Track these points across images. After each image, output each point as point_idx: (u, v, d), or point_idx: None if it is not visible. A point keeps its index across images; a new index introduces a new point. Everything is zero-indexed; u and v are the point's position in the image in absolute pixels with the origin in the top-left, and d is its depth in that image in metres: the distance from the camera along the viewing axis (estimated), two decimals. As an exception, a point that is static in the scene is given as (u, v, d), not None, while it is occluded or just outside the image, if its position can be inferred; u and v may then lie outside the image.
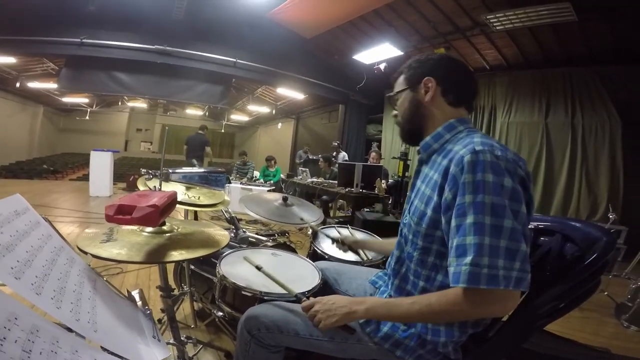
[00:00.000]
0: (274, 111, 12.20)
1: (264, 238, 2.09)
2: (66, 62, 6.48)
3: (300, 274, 1.29)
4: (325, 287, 1.22)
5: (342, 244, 1.45)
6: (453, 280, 0.66)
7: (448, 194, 0.71)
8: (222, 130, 16.33)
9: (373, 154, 5.03)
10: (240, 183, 5.87)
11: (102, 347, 0.55)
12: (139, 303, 0.88)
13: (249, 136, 19.95)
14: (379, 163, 4.86)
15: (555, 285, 0.79)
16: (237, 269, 1.24)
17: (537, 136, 5.13)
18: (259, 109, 12.38)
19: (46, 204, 5.21)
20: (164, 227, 0.99)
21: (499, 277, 0.61)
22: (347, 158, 6.88)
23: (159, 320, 1.64)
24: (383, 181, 4.52)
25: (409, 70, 0.91)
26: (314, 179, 5.29)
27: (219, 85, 7.23)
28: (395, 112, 0.98)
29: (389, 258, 1.00)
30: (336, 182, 4.50)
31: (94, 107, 13.79)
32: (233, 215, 1.98)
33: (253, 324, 0.89)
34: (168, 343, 1.18)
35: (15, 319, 0.40)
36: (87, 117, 13.95)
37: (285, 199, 2.09)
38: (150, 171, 1.28)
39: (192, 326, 1.83)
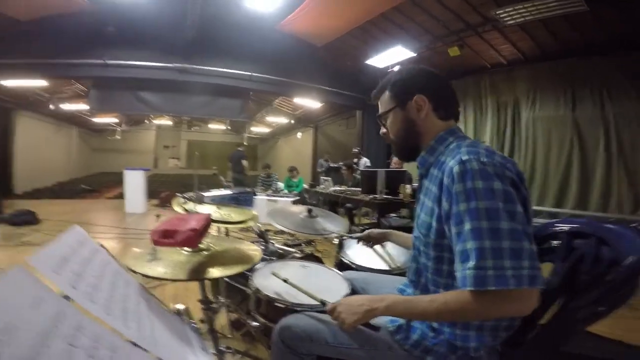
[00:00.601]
0: (292, 121, 12.40)
1: (292, 249, 2.15)
2: (93, 83, 6.86)
3: (328, 285, 1.33)
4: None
5: (367, 240, 1.47)
6: (461, 284, 0.68)
7: (445, 204, 0.75)
8: (245, 143, 16.69)
9: (395, 159, 4.97)
10: (266, 195, 6.00)
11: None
12: (185, 318, 0.95)
13: (271, 147, 20.32)
14: (402, 167, 4.79)
15: (592, 290, 0.78)
16: (269, 281, 1.30)
17: (566, 130, 4.89)
18: (278, 119, 12.64)
19: (88, 222, 5.59)
20: (201, 246, 1.07)
21: (507, 277, 0.63)
22: (369, 164, 6.86)
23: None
24: (407, 185, 4.48)
25: (394, 87, 0.93)
26: (337, 187, 5.29)
27: (237, 99, 7.46)
28: (383, 130, 1.00)
29: (407, 271, 1.02)
30: (359, 189, 4.49)
31: (122, 125, 14.58)
32: (263, 230, 2.07)
33: (286, 334, 0.93)
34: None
35: (98, 339, 0.47)
36: (118, 137, 14.77)
37: (310, 211, 2.14)
38: (186, 195, 1.38)
39: (229, 336, 1.90)
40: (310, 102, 8.72)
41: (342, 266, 1.89)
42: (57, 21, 5.33)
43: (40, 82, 7.06)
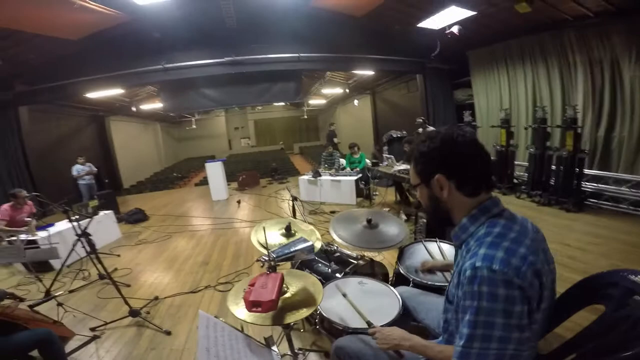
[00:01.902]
0: (347, 90, 12.03)
1: (353, 261, 2.23)
2: (160, 87, 7.57)
3: (381, 304, 1.57)
4: (406, 313, 1.50)
5: (423, 271, 1.60)
6: (453, 355, 0.82)
7: (459, 291, 0.85)
8: (305, 117, 16.96)
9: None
10: (329, 174, 6.12)
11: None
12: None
13: (330, 116, 20.21)
14: None
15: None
16: (331, 302, 1.64)
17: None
18: (333, 91, 12.38)
19: (185, 213, 6.50)
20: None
21: (489, 355, 0.75)
22: None
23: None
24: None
25: (417, 164, 0.94)
26: (401, 167, 5.03)
27: (291, 81, 7.50)
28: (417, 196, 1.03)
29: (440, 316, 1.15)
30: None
31: (196, 115, 16.05)
32: (326, 247, 2.28)
33: (340, 352, 1.22)
34: (284, 354, 1.63)
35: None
36: (194, 126, 16.35)
37: (369, 221, 2.15)
38: (262, 259, 1.66)
39: (302, 330, 2.18)
40: (362, 71, 8.30)
41: (399, 278, 1.93)
42: (111, 36, 5.88)
43: (117, 90, 7.84)
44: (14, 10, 4.17)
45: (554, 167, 4.70)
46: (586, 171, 4.55)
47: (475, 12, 4.94)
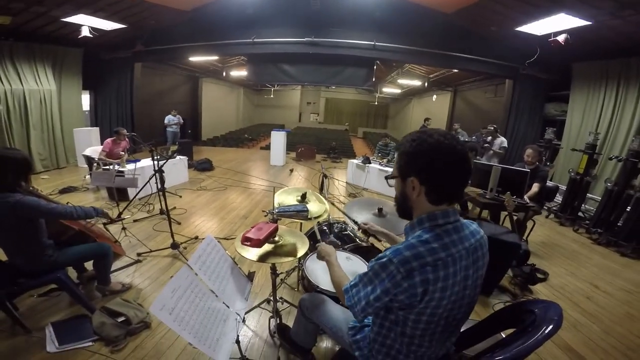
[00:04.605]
0: (426, 84, 11.46)
1: (359, 242, 2.42)
2: (247, 58, 8.38)
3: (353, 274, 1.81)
4: None
5: (365, 232, 1.78)
6: (344, 286, 1.10)
7: None
8: (376, 103, 16.70)
9: (530, 151, 3.83)
10: (379, 164, 6.17)
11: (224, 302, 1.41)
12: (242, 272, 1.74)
13: (403, 107, 19.55)
14: (535, 163, 3.84)
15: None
16: (316, 265, 1.91)
17: None
18: (410, 82, 11.89)
19: (244, 171, 7.29)
20: (275, 239, 1.71)
21: (354, 297, 1.01)
22: (505, 145, 5.90)
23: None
24: (537, 184, 3.71)
25: (400, 159, 0.98)
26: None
27: (363, 68, 7.53)
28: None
29: None
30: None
31: (276, 86, 17.00)
32: (332, 221, 2.55)
33: (303, 303, 1.51)
34: (269, 300, 2.11)
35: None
36: (272, 95, 17.39)
37: (380, 210, 2.28)
38: (267, 211, 2.02)
39: (295, 289, 2.52)
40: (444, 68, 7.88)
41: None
42: (213, 9, 6.67)
43: (213, 57, 9.19)
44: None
45: (629, 208, 4.07)
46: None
47: (590, 22, 4.33)
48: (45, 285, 2.12)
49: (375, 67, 7.59)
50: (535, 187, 3.68)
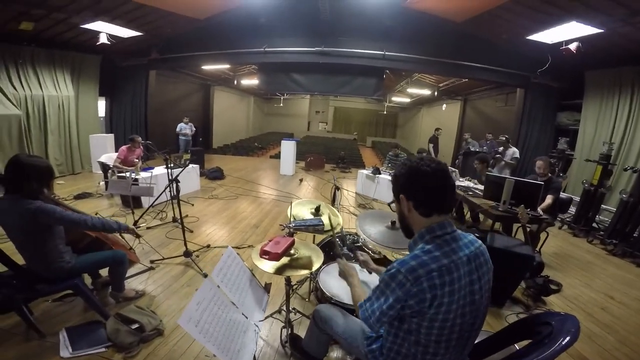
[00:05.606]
0: (435, 93, 11.46)
1: (373, 254, 2.40)
2: (258, 67, 8.53)
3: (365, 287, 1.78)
4: None
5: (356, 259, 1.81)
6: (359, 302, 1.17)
7: None
8: (384, 112, 16.75)
9: (540, 163, 3.81)
10: (389, 174, 6.16)
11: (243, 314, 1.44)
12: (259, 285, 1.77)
13: (412, 116, 19.52)
14: (547, 174, 3.82)
15: None
16: (330, 277, 1.94)
17: None
18: (419, 91, 11.90)
19: (254, 180, 7.33)
20: (291, 252, 1.73)
21: (368, 310, 1.07)
22: (517, 155, 5.83)
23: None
24: (550, 196, 3.66)
25: (392, 183, 1.15)
26: (464, 182, 4.82)
27: (373, 77, 7.61)
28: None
29: None
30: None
31: (285, 95, 17.25)
32: (344, 234, 2.51)
33: (317, 315, 1.52)
34: (281, 310, 2.14)
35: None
36: (281, 104, 17.62)
37: (393, 223, 2.27)
38: (284, 225, 2.06)
39: (306, 300, 2.51)
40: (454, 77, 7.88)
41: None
42: (226, 18, 6.82)
43: (225, 66, 9.35)
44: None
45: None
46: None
47: (602, 30, 4.31)
48: (62, 291, 2.15)
49: (384, 76, 7.65)
50: (548, 199, 3.63)
